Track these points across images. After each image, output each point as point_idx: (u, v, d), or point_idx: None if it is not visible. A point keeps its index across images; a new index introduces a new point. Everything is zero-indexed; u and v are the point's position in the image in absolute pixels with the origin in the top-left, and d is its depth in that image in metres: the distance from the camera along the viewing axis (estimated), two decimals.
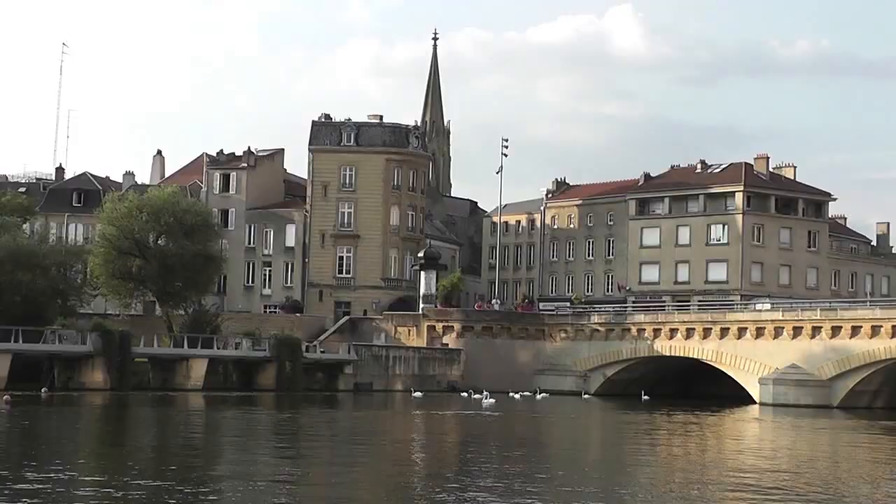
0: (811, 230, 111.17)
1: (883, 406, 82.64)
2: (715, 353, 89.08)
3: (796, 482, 36.30)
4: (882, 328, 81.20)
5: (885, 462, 45.07)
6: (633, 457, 45.10)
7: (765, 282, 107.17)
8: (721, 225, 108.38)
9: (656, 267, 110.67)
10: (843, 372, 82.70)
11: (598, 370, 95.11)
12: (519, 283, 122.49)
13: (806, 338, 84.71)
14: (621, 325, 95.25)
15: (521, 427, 59.98)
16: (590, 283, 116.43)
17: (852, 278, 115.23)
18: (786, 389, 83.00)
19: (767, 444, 54.44)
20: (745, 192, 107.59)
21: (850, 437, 58.49)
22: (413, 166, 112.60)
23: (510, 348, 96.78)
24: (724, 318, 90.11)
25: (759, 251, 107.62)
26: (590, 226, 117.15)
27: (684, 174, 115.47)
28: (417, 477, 35.77)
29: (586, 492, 32.17)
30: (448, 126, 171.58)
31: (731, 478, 37.16)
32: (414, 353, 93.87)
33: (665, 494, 32.39)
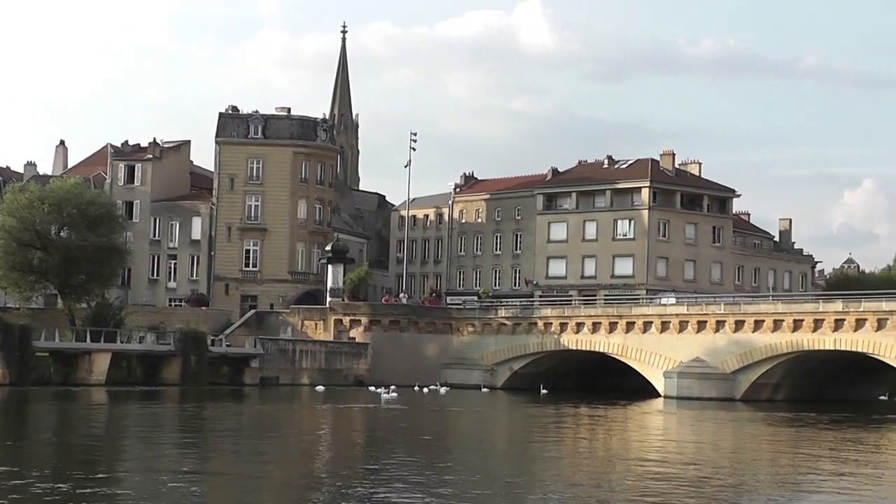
0: (716, 226, 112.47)
1: (784, 399, 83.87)
2: (620, 347, 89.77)
3: (700, 473, 36.63)
4: (784, 322, 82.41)
5: (786, 453, 45.67)
6: (538, 450, 45.19)
7: (670, 276, 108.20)
8: (627, 220, 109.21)
9: (563, 261, 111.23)
10: (746, 365, 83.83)
11: (504, 364, 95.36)
12: (427, 277, 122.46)
13: (710, 332, 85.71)
14: (528, 319, 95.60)
15: (423, 421, 59.81)
16: (497, 277, 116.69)
17: (755, 273, 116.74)
18: (690, 383, 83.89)
19: (672, 437, 54.92)
20: (651, 188, 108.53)
21: (752, 429, 59.25)
22: (321, 159, 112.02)
23: (417, 342, 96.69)
24: (629, 312, 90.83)
25: (664, 246, 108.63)
26: (497, 220, 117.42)
27: (591, 170, 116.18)
28: (319, 471, 35.53)
29: (490, 487, 32.13)
30: (357, 119, 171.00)
31: (636, 469, 37.38)
32: (321, 347, 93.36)
33: (571, 487, 32.46)
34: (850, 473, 37.40)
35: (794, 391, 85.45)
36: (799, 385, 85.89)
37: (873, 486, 34.56)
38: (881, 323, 78.31)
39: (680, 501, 30.07)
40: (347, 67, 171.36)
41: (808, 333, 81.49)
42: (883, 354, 78.54)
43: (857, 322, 79.47)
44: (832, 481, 35.32)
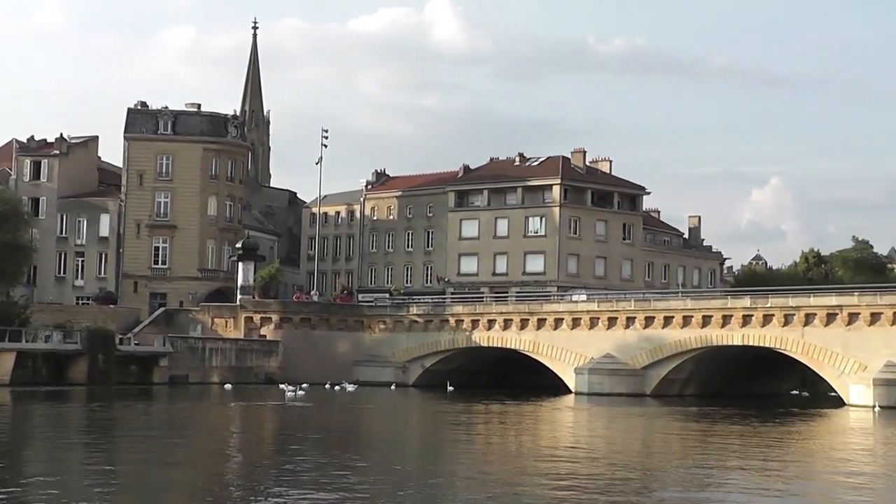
0: (626, 223, 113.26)
1: (693, 393, 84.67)
2: (532, 344, 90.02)
3: (610, 469, 36.78)
4: (693, 318, 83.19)
5: (694, 447, 46.04)
6: (449, 447, 45.14)
7: (581, 273, 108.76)
8: (538, 217, 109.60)
9: (475, 258, 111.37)
10: (656, 361, 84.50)
11: (416, 361, 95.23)
12: (338, 274, 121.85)
13: (620, 328, 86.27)
14: (440, 316, 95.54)
15: (323, 419, 59.56)
16: (409, 274, 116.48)
17: (665, 270, 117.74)
18: (600, 378, 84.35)
19: (582, 433, 55.16)
20: (563, 185, 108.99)
21: (662, 424, 59.71)
22: (231, 156, 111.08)
23: (329, 340, 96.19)
24: (540, 308, 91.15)
25: (575, 243, 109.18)
26: (409, 217, 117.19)
27: (503, 167, 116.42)
28: (222, 472, 35.14)
29: (401, 485, 31.98)
30: (268, 116, 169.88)
31: (546, 466, 37.43)
32: (231, 345, 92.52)
33: (480, 484, 32.40)
34: (756, 467, 37.76)
35: (703, 386, 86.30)
36: (708, 380, 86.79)
37: (779, 480, 34.93)
38: (788, 318, 79.34)
39: (590, 496, 30.11)
40: (258, 63, 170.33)
41: (717, 329, 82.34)
42: (789, 349, 79.59)
43: (765, 318, 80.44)
44: (739, 475, 35.65)
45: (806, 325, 78.72)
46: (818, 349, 78.08)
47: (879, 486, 34.68)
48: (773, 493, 31.97)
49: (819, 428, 61.74)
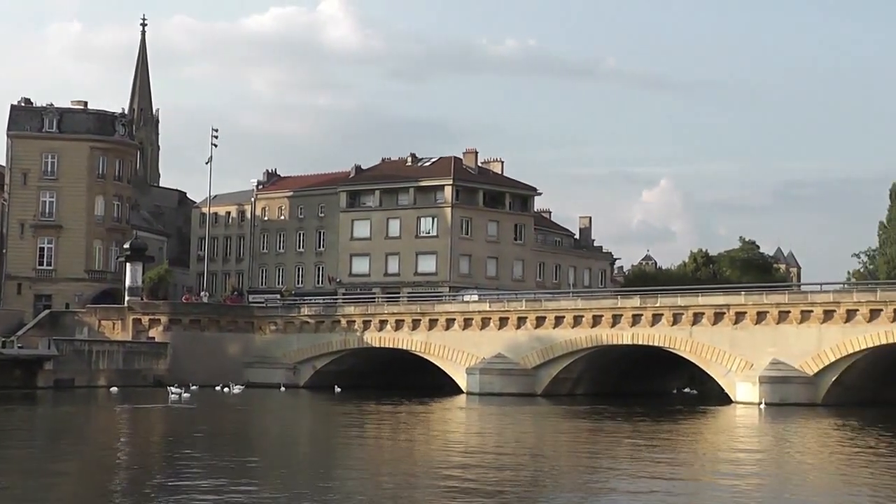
0: (517, 223, 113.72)
1: (584, 392, 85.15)
2: (423, 345, 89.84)
3: (501, 467, 36.75)
4: (584, 318, 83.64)
5: (585, 445, 46.26)
6: (339, 448, 44.83)
7: (472, 273, 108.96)
8: (430, 218, 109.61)
9: (367, 259, 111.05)
10: (547, 361, 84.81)
11: (307, 362, 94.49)
12: (228, 275, 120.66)
13: (512, 328, 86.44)
14: (331, 317, 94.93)
15: (215, 420, 58.93)
16: (300, 275, 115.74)
17: (556, 270, 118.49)
18: (491, 378, 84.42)
19: (473, 432, 55.17)
20: (454, 186, 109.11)
21: (552, 423, 60.01)
22: (119, 155, 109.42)
23: (219, 341, 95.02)
24: (432, 309, 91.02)
25: (467, 243, 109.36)
26: (301, 217, 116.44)
27: (395, 167, 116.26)
28: (108, 476, 34.49)
29: (290, 488, 31.62)
30: (157, 115, 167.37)
31: (436, 467, 37.29)
32: (118, 348, 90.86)
33: (372, 485, 32.16)
34: (645, 464, 38.00)
35: (593, 385, 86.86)
36: (598, 379, 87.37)
37: (667, 476, 35.18)
38: (676, 318, 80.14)
39: (481, 495, 30.02)
40: (147, 61, 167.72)
41: (607, 329, 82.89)
42: (678, 348, 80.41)
43: (654, 317, 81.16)
44: (628, 472, 35.84)
45: (694, 324, 79.60)
46: (706, 348, 79.01)
47: (765, 481, 35.13)
48: (661, 489, 32.16)
49: (707, 425, 62.50)
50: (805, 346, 75.24)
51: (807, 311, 75.64)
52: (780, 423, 60.46)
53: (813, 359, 74.66)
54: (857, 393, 74.94)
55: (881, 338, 72.96)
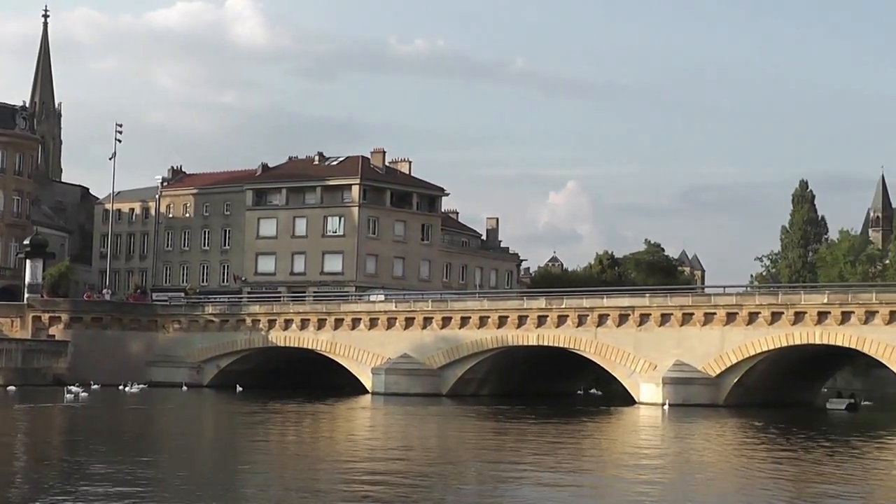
0: (425, 224, 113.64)
1: (489, 393, 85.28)
2: (329, 344, 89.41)
3: (405, 466, 36.63)
4: (490, 319, 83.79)
5: (489, 445, 46.29)
6: (248, 449, 44.38)
7: (379, 273, 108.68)
8: (337, 217, 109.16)
9: (273, 258, 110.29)
10: (453, 361, 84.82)
11: (212, 361, 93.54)
12: (132, 272, 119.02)
13: (418, 328, 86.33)
14: (236, 315, 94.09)
15: (113, 420, 58.14)
16: (205, 273, 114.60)
17: (463, 271, 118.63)
18: (397, 379, 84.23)
19: (378, 433, 55.02)
20: (362, 186, 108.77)
21: (457, 423, 60.02)
22: (20, 149, 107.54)
23: (121, 340, 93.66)
24: (338, 309, 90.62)
25: (374, 243, 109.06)
26: (206, 215, 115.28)
27: (302, 166, 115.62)
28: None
29: (190, 489, 31.19)
30: (59, 108, 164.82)
31: (340, 467, 37.08)
32: (17, 346, 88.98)
33: (278, 485, 31.86)
34: (549, 464, 38.11)
35: (498, 386, 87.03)
36: (503, 380, 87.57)
37: (571, 475, 35.30)
38: (582, 319, 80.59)
39: (384, 495, 29.86)
40: (49, 53, 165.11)
41: (513, 329, 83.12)
42: (583, 349, 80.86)
43: (559, 318, 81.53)
44: (533, 471, 35.90)
45: (599, 325, 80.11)
46: (610, 349, 79.56)
47: (667, 480, 35.40)
48: (565, 488, 32.24)
49: (610, 425, 62.94)
50: (708, 347, 76.12)
51: (710, 314, 76.54)
52: (682, 424, 61.07)
53: (715, 360, 75.57)
54: (758, 394, 76.00)
55: (782, 340, 74.06)
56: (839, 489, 33.20)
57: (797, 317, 73.73)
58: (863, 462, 41.98)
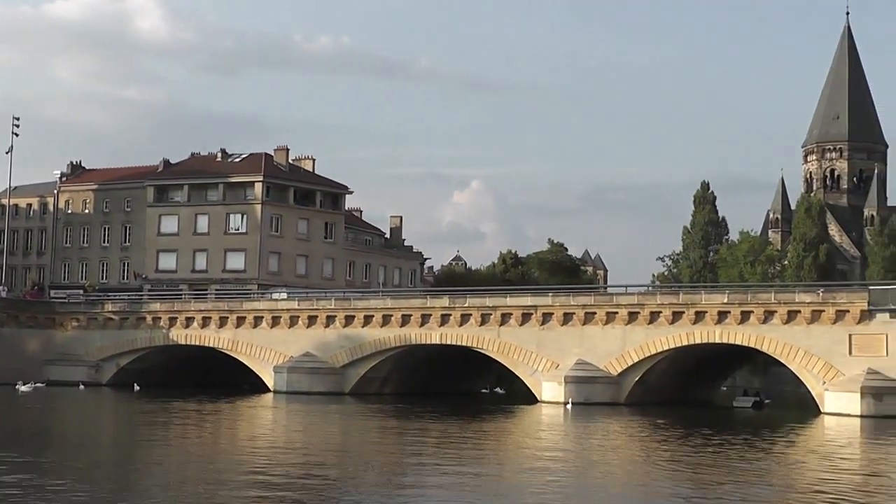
0: (328, 222, 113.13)
1: (392, 392, 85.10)
2: (231, 342, 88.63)
3: (307, 466, 36.39)
4: (393, 317, 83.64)
5: (392, 444, 46.17)
6: (146, 448, 43.80)
7: (282, 271, 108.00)
8: (240, 214, 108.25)
9: (174, 255, 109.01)
10: (356, 360, 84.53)
11: (111, 360, 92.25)
12: (29, 269, 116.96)
13: (321, 327, 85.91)
14: (136, 313, 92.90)
15: (9, 419, 57.13)
16: (105, 270, 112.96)
17: (366, 269, 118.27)
18: (299, 377, 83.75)
19: (279, 432, 54.70)
20: (265, 183, 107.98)
21: (359, 422, 59.87)
22: None
23: (18, 338, 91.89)
24: (240, 307, 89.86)
25: (277, 241, 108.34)
26: (106, 211, 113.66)
27: (204, 163, 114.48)
28: None
29: (87, 489, 30.68)
30: None
31: (240, 466, 36.73)
32: None
33: (179, 485, 31.44)
34: (451, 462, 38.07)
35: (401, 384, 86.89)
36: (406, 378, 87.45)
37: (473, 473, 35.28)
38: (485, 318, 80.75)
39: (287, 494, 29.62)
40: None
41: (416, 328, 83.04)
42: (485, 348, 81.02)
43: (463, 317, 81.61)
44: (434, 470, 35.83)
45: (502, 324, 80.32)
46: (513, 348, 79.81)
47: (568, 477, 35.54)
48: (467, 486, 32.21)
49: (512, 424, 63.13)
50: (610, 346, 76.70)
51: (612, 313, 77.11)
52: (583, 423, 61.45)
53: (617, 359, 76.16)
54: (659, 393, 76.76)
55: (682, 339, 74.87)
56: (747, 485, 33.59)
57: (698, 316, 74.57)
58: (774, 457, 42.69)
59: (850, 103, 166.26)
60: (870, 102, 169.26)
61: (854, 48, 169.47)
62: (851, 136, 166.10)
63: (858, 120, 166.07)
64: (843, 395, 67.66)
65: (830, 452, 47.79)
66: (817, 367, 70.40)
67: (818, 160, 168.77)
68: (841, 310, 70.42)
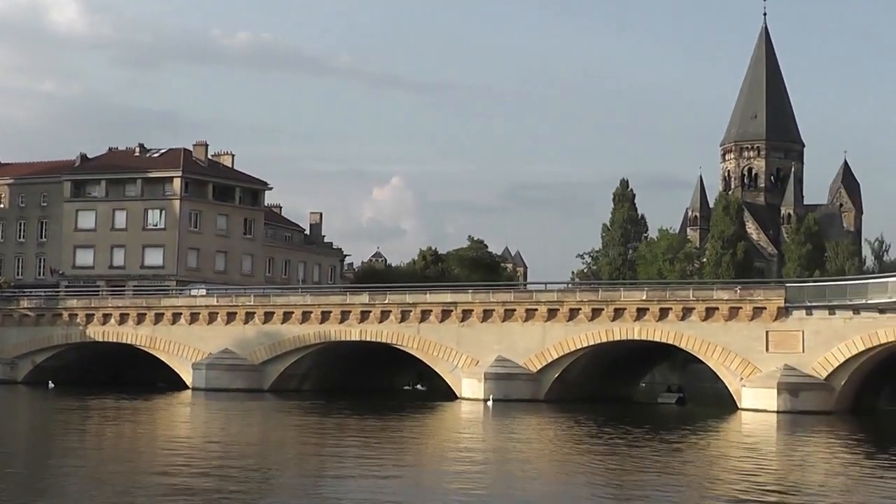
0: (247, 218, 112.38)
1: (311, 389, 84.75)
2: (149, 339, 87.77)
3: (226, 462, 36.15)
4: (312, 314, 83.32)
5: (311, 440, 46.01)
6: (61, 447, 43.25)
7: (201, 267, 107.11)
8: (159, 210, 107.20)
9: (91, 251, 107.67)
10: (275, 356, 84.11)
11: (26, 357, 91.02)
12: None
13: (240, 323, 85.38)
14: (52, 310, 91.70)
15: None
16: (21, 266, 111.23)
17: (286, 266, 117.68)
18: (218, 374, 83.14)
19: (198, 429, 54.28)
20: (184, 178, 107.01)
21: (279, 419, 59.63)
22: None
23: None
24: (158, 303, 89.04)
25: (196, 237, 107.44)
26: (22, 206, 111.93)
27: (122, 158, 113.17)
28: None
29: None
30: None
31: (160, 463, 36.44)
32: None
33: (92, 483, 31.08)
34: (371, 458, 38.03)
35: (321, 381, 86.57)
36: (327, 375, 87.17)
37: (393, 469, 35.27)
38: (405, 315, 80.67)
39: (207, 491, 29.38)
40: None
41: (336, 325, 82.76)
42: (405, 345, 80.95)
43: (382, 314, 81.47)
44: (355, 466, 35.77)
45: (422, 321, 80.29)
46: (433, 345, 79.80)
47: (487, 472, 35.62)
48: (386, 482, 32.17)
49: (433, 420, 63.19)
50: (529, 343, 76.92)
51: (532, 310, 77.33)
52: (501, 419, 61.59)
53: (537, 356, 76.39)
54: (578, 389, 77.11)
55: (601, 336, 75.24)
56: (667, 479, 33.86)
57: (617, 313, 75.00)
58: (692, 452, 43.04)
59: (768, 103, 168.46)
60: (787, 102, 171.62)
61: (771, 48, 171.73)
62: (769, 136, 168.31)
63: (776, 119, 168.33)
64: (759, 392, 68.47)
65: (746, 447, 48.36)
66: (735, 363, 71.13)
67: (736, 159, 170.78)
68: (758, 307, 71.23)
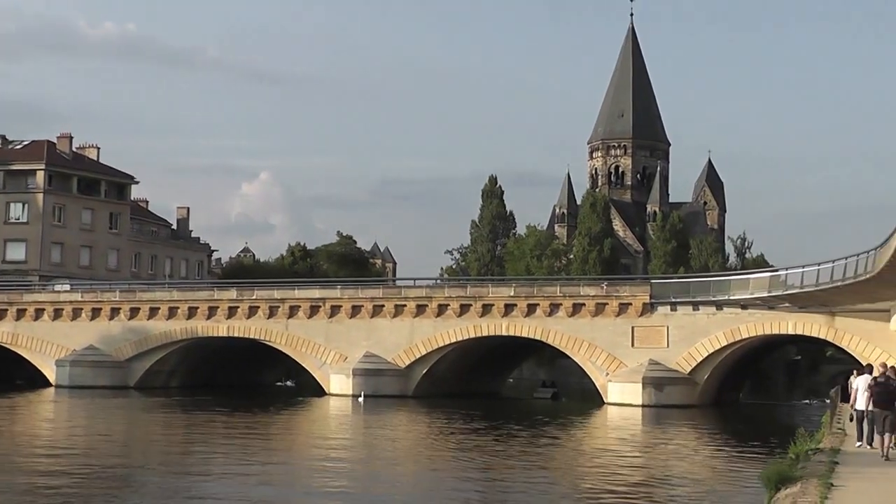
0: (113, 212, 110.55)
1: (179, 385, 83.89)
2: (11, 336, 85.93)
3: (90, 461, 35.69)
4: (179, 310, 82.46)
5: (177, 437, 45.58)
6: None
7: (65, 262, 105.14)
8: (21, 203, 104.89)
9: None
10: (141, 353, 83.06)
11: None
12: None
13: (105, 319, 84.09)
14: None
15: None
16: None
17: (153, 261, 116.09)
18: (83, 371, 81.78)
19: (62, 427, 53.37)
20: (47, 171, 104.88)
21: (144, 416, 58.97)
22: None
23: None
24: (20, 299, 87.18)
25: (59, 231, 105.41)
26: None
27: None
28: None
29: None
30: None
31: (25, 463, 35.79)
32: None
33: None
34: (238, 454, 37.85)
35: (189, 377, 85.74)
36: (194, 371, 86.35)
37: (260, 465, 35.14)
38: (273, 310, 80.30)
39: (67, 490, 28.91)
40: None
41: (203, 321, 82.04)
42: (273, 340, 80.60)
43: (251, 310, 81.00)
44: (221, 462, 35.59)
45: (290, 317, 80.00)
46: (301, 340, 79.56)
47: (355, 468, 35.71)
48: (253, 478, 32.04)
49: (301, 416, 63.06)
50: (398, 339, 77.14)
51: (400, 306, 77.55)
52: (369, 415, 61.66)
53: (405, 351, 76.63)
54: (446, 385, 77.49)
55: (470, 331, 75.77)
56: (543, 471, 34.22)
57: (485, 309, 75.61)
58: (559, 446, 43.54)
59: (635, 102, 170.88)
60: (653, 101, 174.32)
61: (638, 48, 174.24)
62: (635, 134, 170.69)
63: (642, 118, 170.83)
64: (625, 386, 69.61)
65: (611, 440, 49.17)
66: (601, 358, 72.19)
67: (603, 157, 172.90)
68: (624, 303, 72.42)
